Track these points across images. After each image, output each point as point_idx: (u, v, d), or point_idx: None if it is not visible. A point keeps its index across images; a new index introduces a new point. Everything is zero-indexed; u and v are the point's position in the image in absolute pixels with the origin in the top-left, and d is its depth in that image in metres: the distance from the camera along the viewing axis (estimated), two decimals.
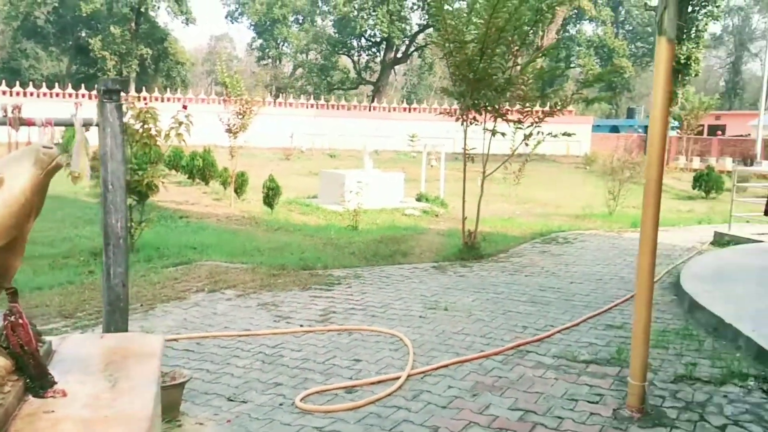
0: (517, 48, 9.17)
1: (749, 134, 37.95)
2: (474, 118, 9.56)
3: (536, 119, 9.43)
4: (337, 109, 35.95)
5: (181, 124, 8.54)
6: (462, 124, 9.43)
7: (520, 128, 9.51)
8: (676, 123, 33.63)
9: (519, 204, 16.81)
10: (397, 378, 4.57)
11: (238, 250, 9.51)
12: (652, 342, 5.40)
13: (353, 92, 56.99)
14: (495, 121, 9.44)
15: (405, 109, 35.70)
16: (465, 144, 9.37)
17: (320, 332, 5.71)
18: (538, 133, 9.34)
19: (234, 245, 9.94)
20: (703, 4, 31.14)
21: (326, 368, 4.82)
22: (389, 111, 35.55)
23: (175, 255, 9.00)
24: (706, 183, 19.83)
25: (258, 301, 6.73)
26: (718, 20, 35.20)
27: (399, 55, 53.53)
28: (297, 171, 22.66)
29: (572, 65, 61.47)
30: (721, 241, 10.55)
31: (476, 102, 9.18)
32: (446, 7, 8.93)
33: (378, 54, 55.25)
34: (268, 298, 6.88)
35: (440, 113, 10.07)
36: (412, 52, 53.25)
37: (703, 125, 41.05)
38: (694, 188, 20.49)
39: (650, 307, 4.20)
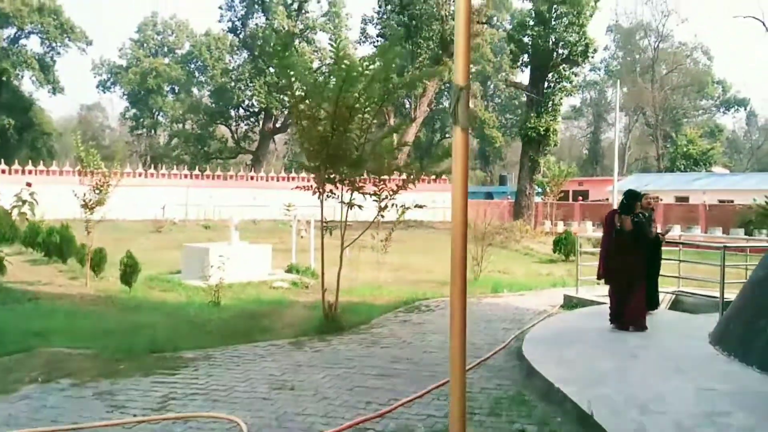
0: (368, 125, 9.45)
1: (607, 199, 41.11)
2: (331, 191, 9.70)
3: (390, 191, 9.70)
4: (213, 179, 35.47)
5: (24, 202, 8.07)
6: (318, 198, 9.54)
7: (376, 200, 9.73)
8: (539, 189, 35.83)
9: (392, 271, 17.01)
10: None
11: (85, 334, 8.96)
12: (486, 410, 5.58)
13: (232, 161, 56.61)
14: (351, 193, 9.62)
15: (284, 178, 35.78)
16: (322, 216, 9.46)
17: (154, 422, 5.43)
18: (393, 204, 9.59)
19: (82, 329, 9.36)
20: (557, 80, 33.87)
21: None
22: (267, 180, 35.50)
23: (13, 342, 8.33)
24: (565, 246, 20.95)
25: (94, 391, 6.33)
26: (572, 95, 38.38)
27: (278, 125, 53.98)
28: (167, 244, 21.88)
29: (447, 135, 64.52)
30: (569, 303, 11.10)
31: (330, 177, 9.34)
32: (295, 85, 9.14)
33: (257, 124, 55.50)
34: (106, 386, 6.48)
35: (295, 188, 10.15)
36: (292, 122, 53.99)
37: (567, 191, 44.04)
38: (554, 252, 21.56)
39: (464, 396, 4.25)
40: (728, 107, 71.00)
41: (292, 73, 9.05)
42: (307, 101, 9.09)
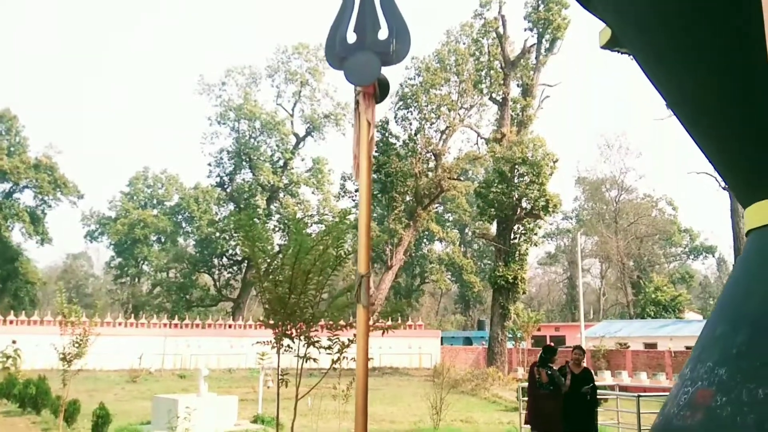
0: (322, 286, 10.81)
1: (580, 345, 41.97)
2: (288, 346, 10.85)
3: (342, 345, 10.86)
4: (191, 327, 36.20)
5: (8, 357, 9.12)
6: (277, 352, 10.67)
7: (330, 354, 10.87)
8: (511, 335, 36.84)
9: (353, 421, 17.65)
10: None
11: None
12: None
13: (213, 309, 57.40)
14: (306, 347, 10.77)
15: (261, 326, 36.54)
16: (278, 369, 10.54)
17: None
18: (344, 357, 10.71)
19: None
20: (523, 232, 36.15)
21: None
22: (244, 328, 36.27)
23: None
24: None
25: None
26: (537, 245, 40.60)
27: (261, 273, 55.33)
28: (140, 395, 22.40)
29: (426, 281, 66.15)
30: None
31: (287, 333, 10.54)
32: (261, 253, 10.59)
33: (239, 272, 56.89)
34: None
35: (256, 343, 11.28)
36: (275, 269, 55.40)
37: (544, 336, 44.96)
38: (518, 399, 22.17)
39: None
40: (697, 254, 73.67)
41: (257, 244, 10.51)
42: (265, 268, 10.48)
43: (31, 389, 16.82)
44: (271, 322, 10.76)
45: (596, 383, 10.01)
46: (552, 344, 10.58)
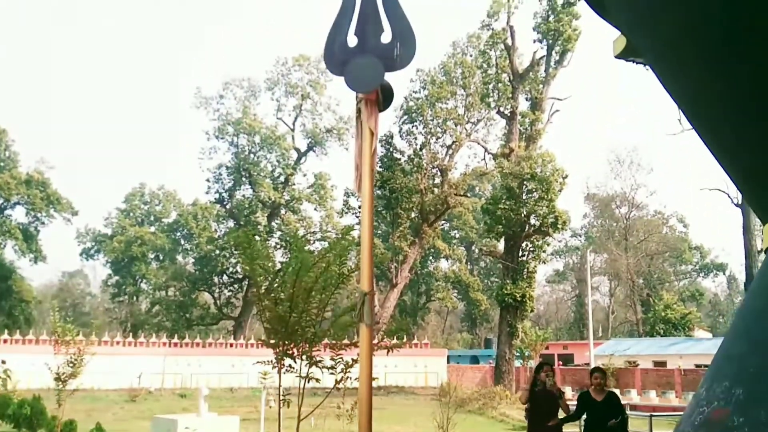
0: (324, 305, 10.50)
1: (588, 364, 41.45)
2: (289, 366, 10.53)
3: (346, 364, 10.53)
4: (192, 346, 35.78)
5: None
6: (278, 372, 10.34)
7: (333, 374, 10.54)
8: (518, 354, 36.34)
9: None
10: None
11: None
12: None
13: (214, 327, 56.77)
14: (309, 367, 10.44)
15: (262, 345, 36.06)
16: (279, 390, 10.21)
17: None
18: (347, 377, 10.38)
19: None
20: (531, 249, 35.74)
21: None
22: (246, 347, 35.83)
23: None
24: None
25: None
26: (545, 263, 40.07)
27: (262, 290, 54.87)
28: (140, 414, 21.98)
29: (432, 299, 65.51)
30: None
31: (288, 353, 10.22)
32: (260, 271, 10.31)
33: (240, 290, 56.26)
34: None
35: (257, 362, 10.95)
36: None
37: (552, 354, 44.42)
38: (526, 419, 21.73)
39: None
40: (707, 272, 73.00)
41: (256, 262, 10.23)
42: (266, 287, 10.18)
43: (26, 409, 16.40)
44: (272, 341, 10.44)
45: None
46: (540, 360, 10.07)
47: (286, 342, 10.32)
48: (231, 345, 36.91)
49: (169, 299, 57.02)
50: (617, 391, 30.72)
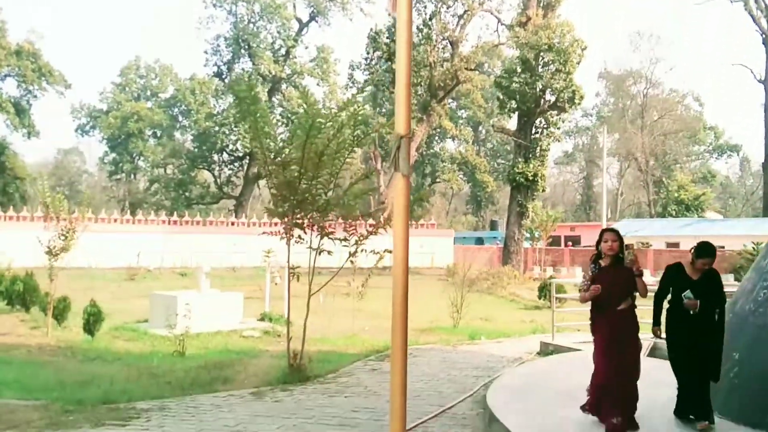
0: (338, 170, 9.29)
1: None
2: (299, 237, 9.47)
3: (360, 237, 9.47)
4: (192, 224, 35.05)
5: None
6: (286, 243, 9.30)
7: (346, 246, 9.50)
8: (528, 235, 35.60)
9: (369, 319, 16.61)
10: None
11: (37, 385, 8.55)
12: None
13: (215, 206, 55.99)
14: (320, 239, 9.38)
15: (265, 224, 35.30)
16: (288, 262, 9.20)
17: None
18: (362, 250, 9.35)
19: (35, 380, 8.95)
20: (545, 126, 34.09)
21: None
22: (248, 226, 35.12)
23: None
24: (550, 293, 20.40)
25: None
26: (559, 141, 38.47)
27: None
28: (139, 293, 21.37)
29: (438, 180, 64.41)
30: (546, 350, 10.84)
31: (298, 222, 9.12)
32: (265, 129, 9.03)
33: (241, 168, 55.16)
34: None
35: (263, 233, 9.91)
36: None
37: (559, 236, 43.88)
38: (539, 298, 21.12)
39: None
40: (721, 153, 71.50)
41: (259, 117, 8.94)
42: (274, 150, 8.96)
43: (18, 285, 15.71)
44: (281, 210, 9.31)
45: None
46: (607, 227, 7.37)
47: (296, 211, 9.20)
48: (232, 224, 36.20)
49: (167, 177, 56.05)
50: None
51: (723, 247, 35.34)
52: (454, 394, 7.82)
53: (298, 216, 9.18)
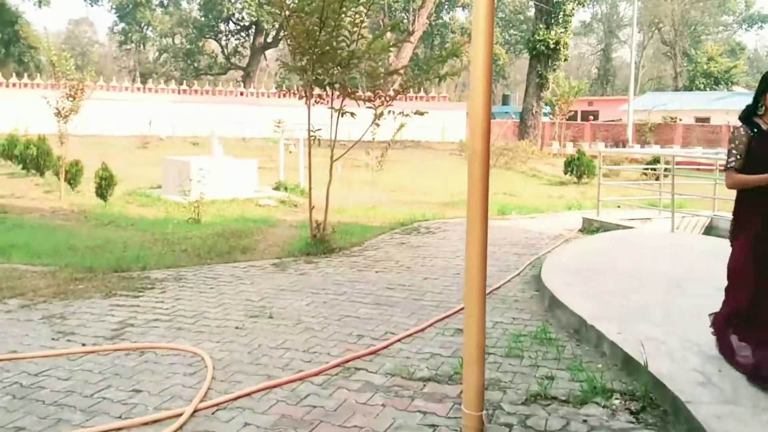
0: (361, 19, 8.24)
1: (620, 119, 39.45)
2: (319, 96, 8.61)
3: (386, 98, 8.59)
4: (202, 94, 33.98)
5: None
6: (305, 102, 8.44)
7: (371, 107, 8.64)
8: (548, 108, 34.14)
9: (387, 191, 16.05)
10: (179, 415, 3.53)
11: (48, 250, 8.12)
12: (505, 349, 4.68)
13: (223, 78, 54.57)
14: (342, 99, 8.51)
15: (274, 95, 34.13)
16: (309, 124, 8.38)
17: (104, 353, 4.55)
18: (389, 112, 8.50)
19: (46, 244, 8.52)
20: None
21: (92, 403, 3.71)
22: (257, 96, 33.97)
23: None
24: (578, 168, 19.78)
25: (44, 313, 5.47)
26: (584, 5, 35.87)
27: (269, 39, 51.73)
28: (151, 160, 20.81)
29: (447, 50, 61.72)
30: (590, 228, 10.19)
31: (319, 78, 8.21)
32: None
33: (247, 38, 53.27)
34: (59, 308, 5.62)
35: (277, 93, 9.03)
36: (284, 36, 51.40)
37: (576, 111, 42.44)
38: (565, 173, 20.48)
39: (483, 322, 3.37)
40: (751, 24, 67.57)
41: None
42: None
43: (32, 149, 15.40)
44: (300, 64, 8.37)
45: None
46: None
47: (316, 66, 8.26)
48: (241, 93, 34.95)
49: (176, 47, 54.34)
50: (657, 148, 28.78)
51: None
52: (498, 273, 7.15)
53: (319, 71, 8.25)
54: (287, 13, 7.93)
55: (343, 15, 8.00)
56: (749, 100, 4.22)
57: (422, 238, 9.54)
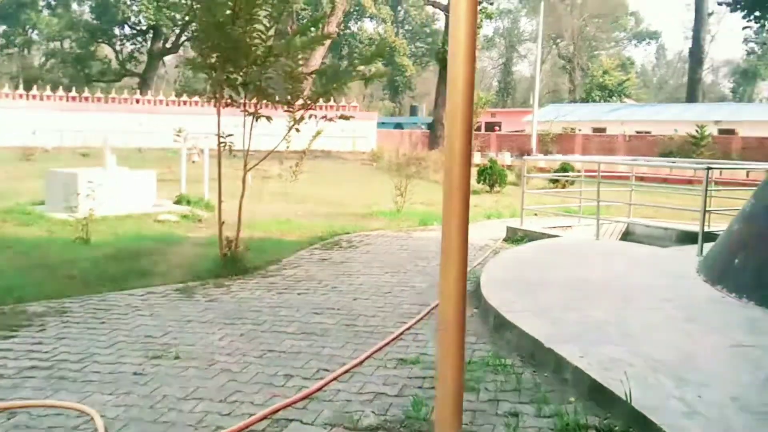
0: (278, 13, 7.42)
1: (524, 130, 40.51)
2: (231, 99, 7.69)
3: (306, 101, 7.80)
4: (93, 102, 31.76)
5: None
6: (214, 105, 7.50)
7: (290, 111, 7.81)
8: None
9: (300, 203, 15.16)
10: None
11: None
12: None
13: (117, 85, 51.73)
14: (258, 102, 7.64)
15: (175, 103, 32.38)
16: (219, 129, 7.45)
17: None
18: (311, 116, 7.71)
19: None
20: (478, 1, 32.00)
21: None
22: (155, 104, 32.15)
23: None
24: (490, 177, 19.89)
25: None
26: (491, 18, 36.52)
27: (168, 45, 49.51)
28: (35, 173, 18.93)
29: (355, 62, 61.44)
30: (514, 237, 9.81)
31: (230, 77, 7.30)
32: None
33: (144, 44, 50.76)
34: None
35: (177, 101, 8.04)
36: (184, 41, 49.22)
37: (480, 122, 43.08)
38: (479, 182, 20.41)
39: (462, 364, 2.66)
40: (640, 40, 71.55)
41: None
42: None
43: None
44: (210, 61, 7.42)
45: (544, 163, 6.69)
46: None
47: (227, 65, 7.36)
48: (137, 101, 32.98)
49: (64, 52, 50.89)
50: (559, 157, 29.61)
51: (650, 133, 35.62)
52: (429, 290, 6.51)
53: (231, 69, 7.35)
54: (196, 5, 6.97)
55: (257, 8, 7.17)
56: (641, 111, 4.00)
57: (345, 253, 8.78)
